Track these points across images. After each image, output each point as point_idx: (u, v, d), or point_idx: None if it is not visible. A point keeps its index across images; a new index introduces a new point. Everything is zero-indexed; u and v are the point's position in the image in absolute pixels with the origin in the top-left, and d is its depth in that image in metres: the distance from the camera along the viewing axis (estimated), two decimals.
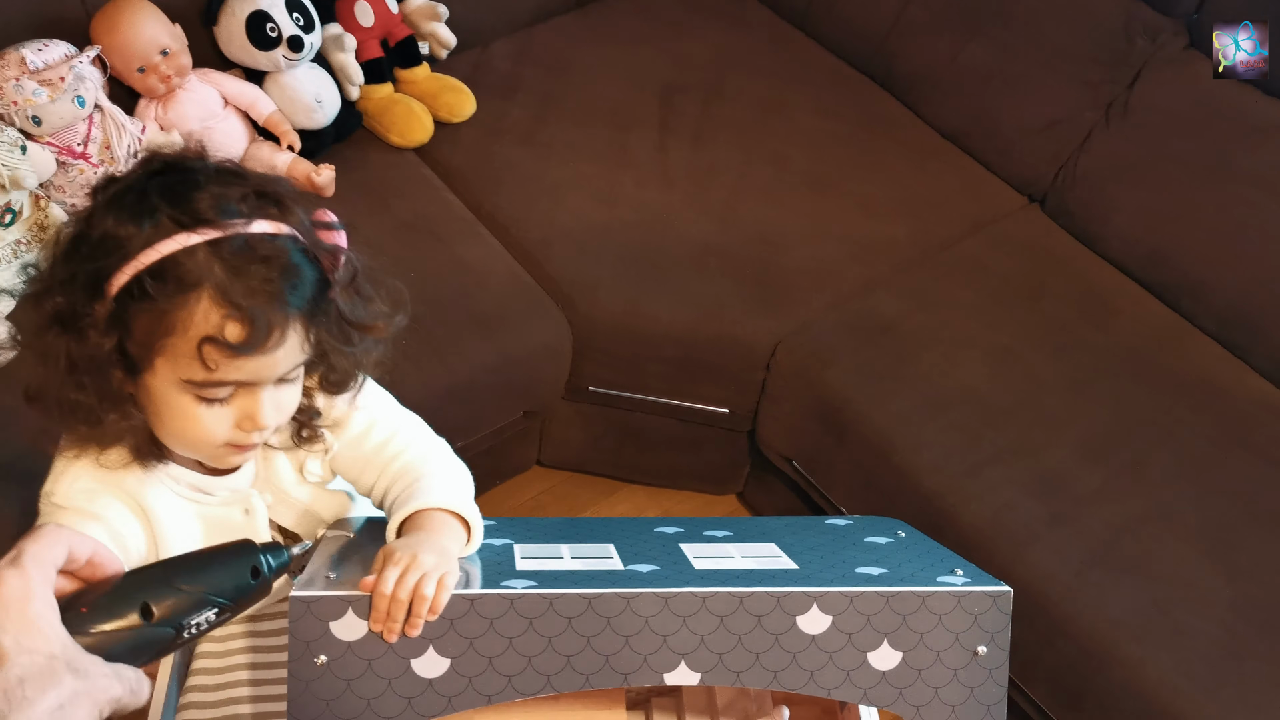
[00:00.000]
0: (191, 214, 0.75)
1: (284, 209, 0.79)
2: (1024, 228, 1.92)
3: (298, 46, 1.71)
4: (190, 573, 0.69)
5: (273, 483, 0.94)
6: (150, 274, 0.74)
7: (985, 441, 1.58)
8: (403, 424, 0.97)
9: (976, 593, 0.81)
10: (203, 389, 0.78)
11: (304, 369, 0.85)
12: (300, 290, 0.78)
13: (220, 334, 0.75)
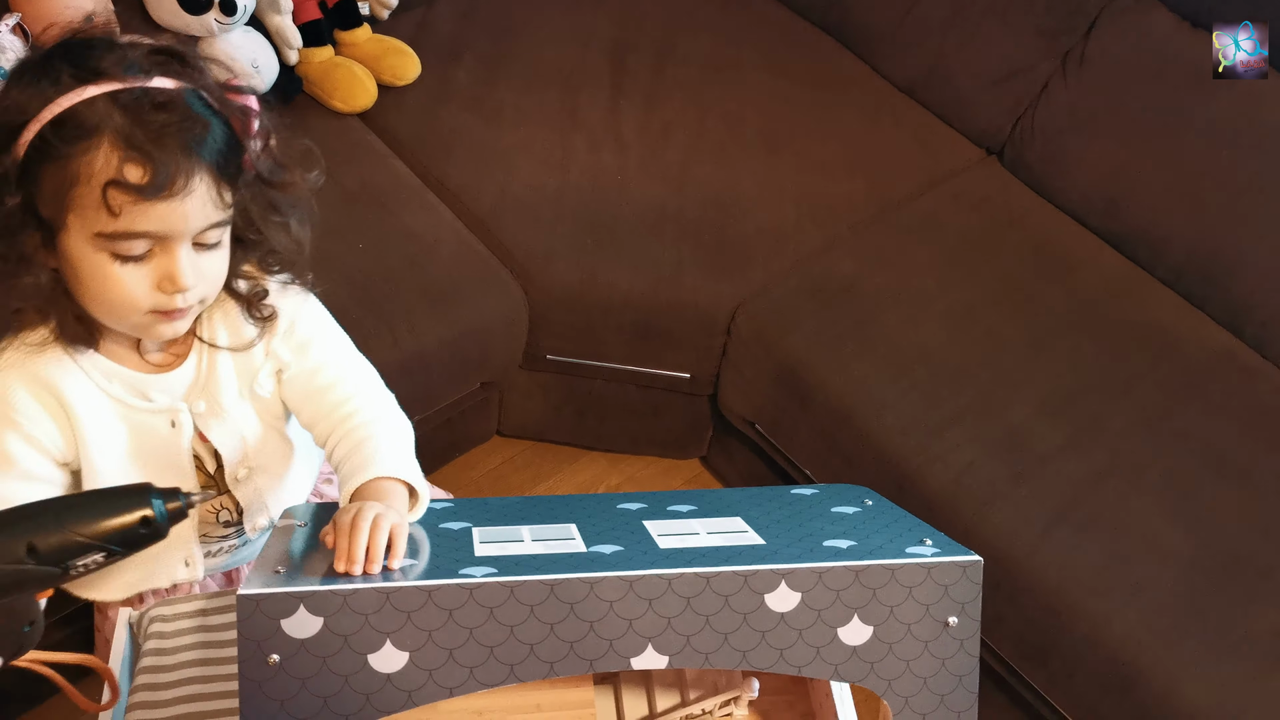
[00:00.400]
0: (91, 70, 0.77)
1: (187, 66, 0.81)
2: (981, 181, 1.91)
3: (230, 10, 1.64)
4: (81, 514, 0.67)
5: (211, 391, 0.93)
6: (52, 126, 0.76)
7: (946, 402, 1.58)
8: (353, 371, 0.98)
9: (946, 563, 0.80)
10: (114, 242, 0.78)
11: (231, 238, 0.86)
12: (205, 140, 0.79)
13: (121, 176, 0.76)
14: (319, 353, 0.96)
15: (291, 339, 0.96)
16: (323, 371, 0.96)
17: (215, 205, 0.81)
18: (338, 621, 0.73)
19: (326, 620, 0.73)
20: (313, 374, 0.96)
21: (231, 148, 0.81)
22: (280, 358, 0.96)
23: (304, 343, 0.96)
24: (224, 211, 0.83)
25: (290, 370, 0.96)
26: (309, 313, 0.97)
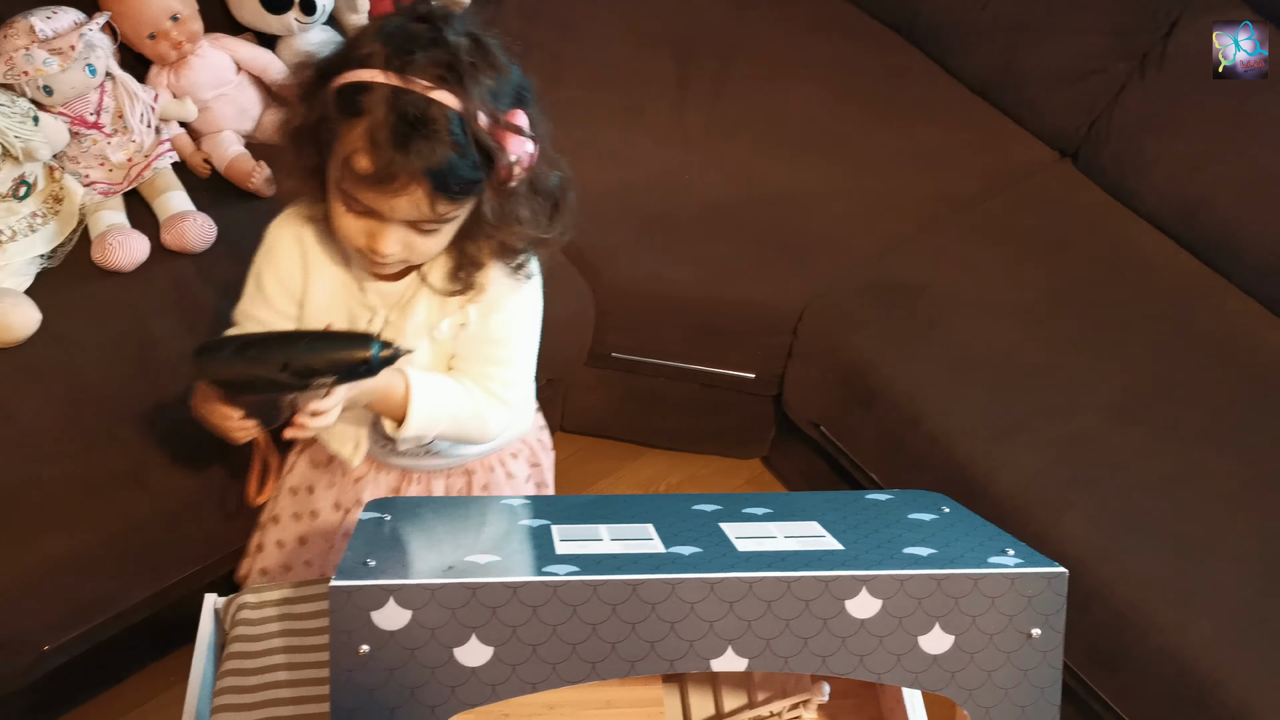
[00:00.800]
0: (399, 60, 0.89)
1: (467, 93, 0.89)
2: (1054, 183, 1.88)
3: (310, 9, 1.67)
4: (323, 346, 0.88)
5: (404, 310, 1.07)
6: (345, 88, 0.91)
7: (1016, 405, 1.56)
8: (508, 356, 1.10)
9: (1031, 574, 0.79)
10: (343, 194, 0.94)
11: (457, 227, 0.98)
12: (439, 164, 0.89)
13: (355, 160, 0.90)
14: (498, 326, 1.08)
15: (486, 310, 1.07)
16: (492, 343, 1.08)
17: (426, 211, 0.93)
18: (425, 615, 0.75)
19: (415, 613, 0.75)
20: (482, 339, 1.08)
21: (463, 176, 0.91)
22: (468, 317, 1.07)
23: (488, 309, 1.07)
24: (435, 217, 0.94)
25: (469, 328, 1.08)
26: (516, 301, 1.09)
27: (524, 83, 0.97)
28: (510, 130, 0.92)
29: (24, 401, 1.35)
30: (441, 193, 0.91)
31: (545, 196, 1.01)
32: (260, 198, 1.65)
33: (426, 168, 0.89)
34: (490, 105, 0.91)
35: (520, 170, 0.94)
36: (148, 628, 1.48)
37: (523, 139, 0.93)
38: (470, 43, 0.92)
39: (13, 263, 1.46)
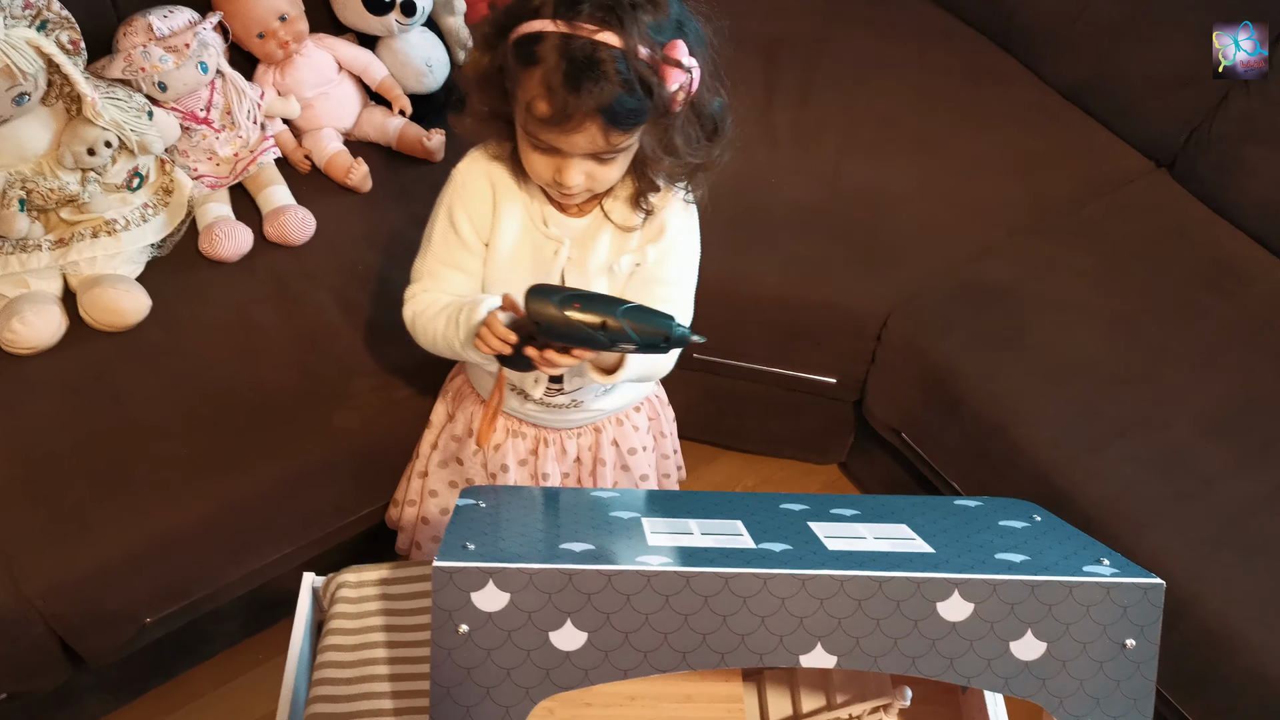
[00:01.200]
0: (565, 6, 0.95)
1: (628, 32, 0.95)
2: (1149, 191, 1.84)
3: (410, 11, 1.71)
4: (636, 317, 0.97)
5: (587, 244, 1.15)
6: (521, 40, 0.98)
7: (1105, 416, 1.53)
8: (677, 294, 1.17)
9: (1127, 584, 0.78)
10: (528, 135, 1.02)
11: (632, 153, 1.05)
12: (609, 100, 0.96)
13: (534, 104, 0.98)
14: (670, 269, 1.17)
15: (659, 245, 1.16)
16: (663, 282, 1.16)
17: (601, 144, 1.00)
18: (523, 598, 0.77)
19: (513, 596, 0.77)
20: (655, 280, 1.16)
21: (630, 107, 0.97)
22: (646, 256, 1.16)
23: (665, 253, 1.16)
24: (610, 147, 1.01)
25: (644, 267, 1.16)
26: (682, 225, 1.17)
27: (685, 14, 1.02)
28: (669, 64, 0.97)
29: (134, 383, 1.42)
30: (613, 125, 0.98)
31: (706, 121, 1.07)
32: (357, 193, 1.70)
33: (597, 105, 0.96)
34: (651, 40, 0.96)
35: (683, 96, 1.00)
36: (241, 604, 1.53)
37: (682, 70, 0.98)
38: None
39: (125, 251, 1.53)
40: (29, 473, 1.33)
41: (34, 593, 1.27)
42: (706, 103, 1.06)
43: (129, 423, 1.38)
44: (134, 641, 1.41)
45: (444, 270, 1.17)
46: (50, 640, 1.32)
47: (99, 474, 1.34)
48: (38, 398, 1.39)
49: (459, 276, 1.17)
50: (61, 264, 1.50)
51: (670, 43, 0.98)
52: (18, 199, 1.45)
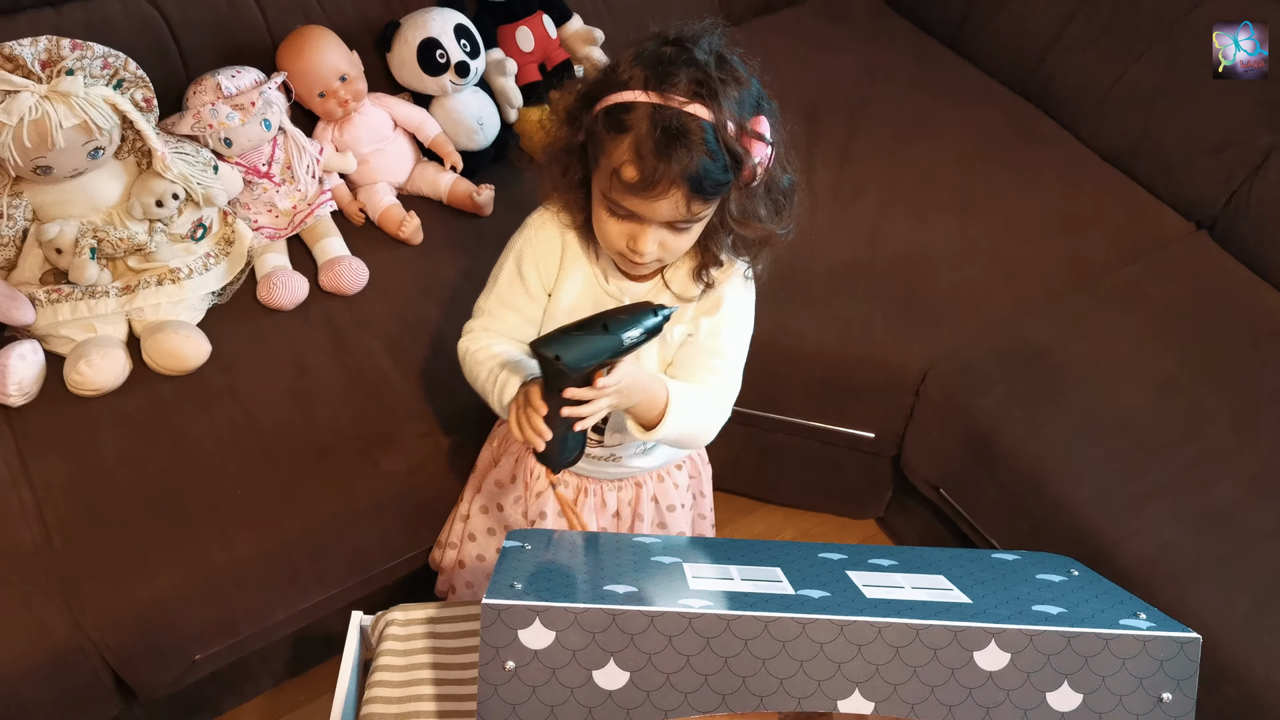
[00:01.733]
0: (657, 77, 0.99)
1: (718, 106, 0.99)
2: (1190, 254, 1.85)
3: (464, 72, 1.79)
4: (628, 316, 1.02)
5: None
6: (611, 109, 1.01)
7: (1146, 475, 1.53)
8: (727, 367, 1.19)
9: (1163, 638, 0.79)
10: (608, 201, 1.05)
11: (704, 226, 1.08)
12: (695, 169, 0.99)
13: (621, 171, 1.01)
14: (723, 342, 1.19)
15: (717, 324, 1.18)
16: (714, 354, 1.18)
17: (684, 212, 1.03)
18: (568, 637, 0.79)
19: (558, 635, 0.79)
20: (706, 351, 1.18)
21: (716, 178, 1.01)
22: (699, 328, 1.18)
23: (719, 325, 1.18)
24: (690, 216, 1.04)
25: (696, 338, 1.18)
26: (739, 300, 1.20)
27: (762, 93, 1.07)
28: (754, 137, 1.02)
29: (193, 423, 1.47)
30: (697, 194, 1.01)
31: (777, 195, 1.11)
32: (409, 245, 1.76)
33: (684, 173, 0.99)
34: (737, 114, 1.01)
35: (761, 170, 1.04)
36: (287, 643, 1.56)
37: (764, 144, 1.03)
38: (717, 60, 1.02)
39: (188, 298, 1.60)
40: (92, 508, 1.38)
41: (91, 625, 1.31)
42: (778, 178, 1.10)
43: (187, 462, 1.43)
44: (184, 677, 1.44)
45: (504, 311, 1.21)
46: (105, 673, 1.35)
47: (158, 511, 1.38)
48: (102, 437, 1.45)
49: (517, 319, 1.21)
50: (127, 310, 1.56)
51: (755, 118, 1.03)
52: (89, 248, 1.52)
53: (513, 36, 1.91)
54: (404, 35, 1.78)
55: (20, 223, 1.53)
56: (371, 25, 1.83)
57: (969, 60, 2.21)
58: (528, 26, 1.91)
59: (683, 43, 1.02)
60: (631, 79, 1.01)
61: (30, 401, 1.48)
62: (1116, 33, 1.98)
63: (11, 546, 1.34)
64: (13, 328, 1.53)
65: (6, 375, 1.45)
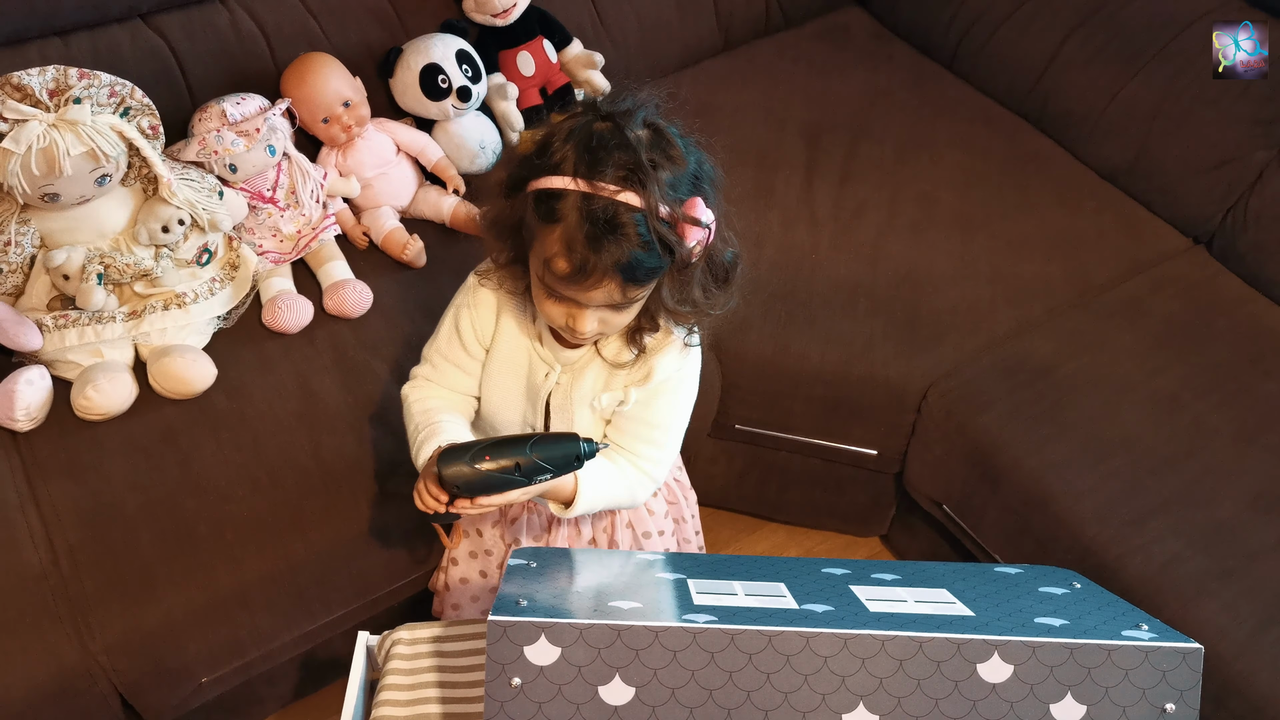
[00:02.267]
0: (585, 166, 0.97)
1: (649, 192, 0.97)
2: (1189, 270, 1.86)
3: (466, 96, 1.81)
4: (546, 449, 1.02)
5: (576, 374, 1.17)
6: (542, 194, 0.99)
7: (1150, 491, 1.53)
8: (659, 438, 1.19)
9: (1166, 649, 0.80)
10: (544, 284, 1.04)
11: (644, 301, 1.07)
12: (629, 262, 0.98)
13: (554, 262, 1.00)
14: (656, 412, 1.18)
15: (648, 395, 1.17)
16: (646, 424, 1.18)
17: (618, 298, 1.03)
18: (573, 653, 0.80)
19: (564, 651, 0.80)
20: (638, 420, 1.18)
21: (649, 266, 1.00)
22: (629, 397, 1.17)
23: (651, 396, 1.17)
24: (626, 300, 1.04)
25: (627, 407, 1.17)
26: (673, 371, 1.17)
27: (700, 168, 1.04)
28: (688, 222, 0.99)
29: (200, 447, 1.48)
30: (631, 282, 1.00)
31: (718, 270, 1.09)
32: (412, 268, 1.78)
33: (616, 263, 0.98)
34: (670, 198, 0.98)
35: (699, 249, 1.02)
36: (292, 666, 1.56)
37: (699, 228, 1.00)
38: (651, 135, 1.00)
39: (194, 322, 1.61)
40: (100, 533, 1.39)
41: (99, 649, 1.32)
42: (720, 253, 1.08)
43: (194, 486, 1.44)
44: (190, 700, 1.44)
45: (444, 364, 1.23)
46: (112, 697, 1.35)
47: (165, 534, 1.39)
48: (109, 461, 1.46)
49: (458, 374, 1.23)
50: (134, 334, 1.57)
51: (689, 200, 1.00)
52: (96, 273, 1.54)
53: (514, 61, 1.93)
54: (406, 61, 1.81)
55: (28, 249, 1.55)
56: (374, 51, 1.86)
57: (967, 81, 2.23)
58: (528, 51, 1.94)
59: (616, 119, 0.99)
60: (562, 162, 0.98)
61: (38, 426, 1.49)
62: (1112, 52, 2.00)
63: (20, 571, 1.34)
64: (20, 353, 1.54)
65: (14, 400, 1.46)
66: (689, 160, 1.02)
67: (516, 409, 1.22)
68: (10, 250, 1.53)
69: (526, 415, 1.22)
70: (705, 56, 2.28)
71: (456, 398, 1.23)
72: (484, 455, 1.01)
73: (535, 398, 1.20)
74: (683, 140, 1.03)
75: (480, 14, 1.89)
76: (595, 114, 1.00)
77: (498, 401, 1.22)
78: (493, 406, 1.23)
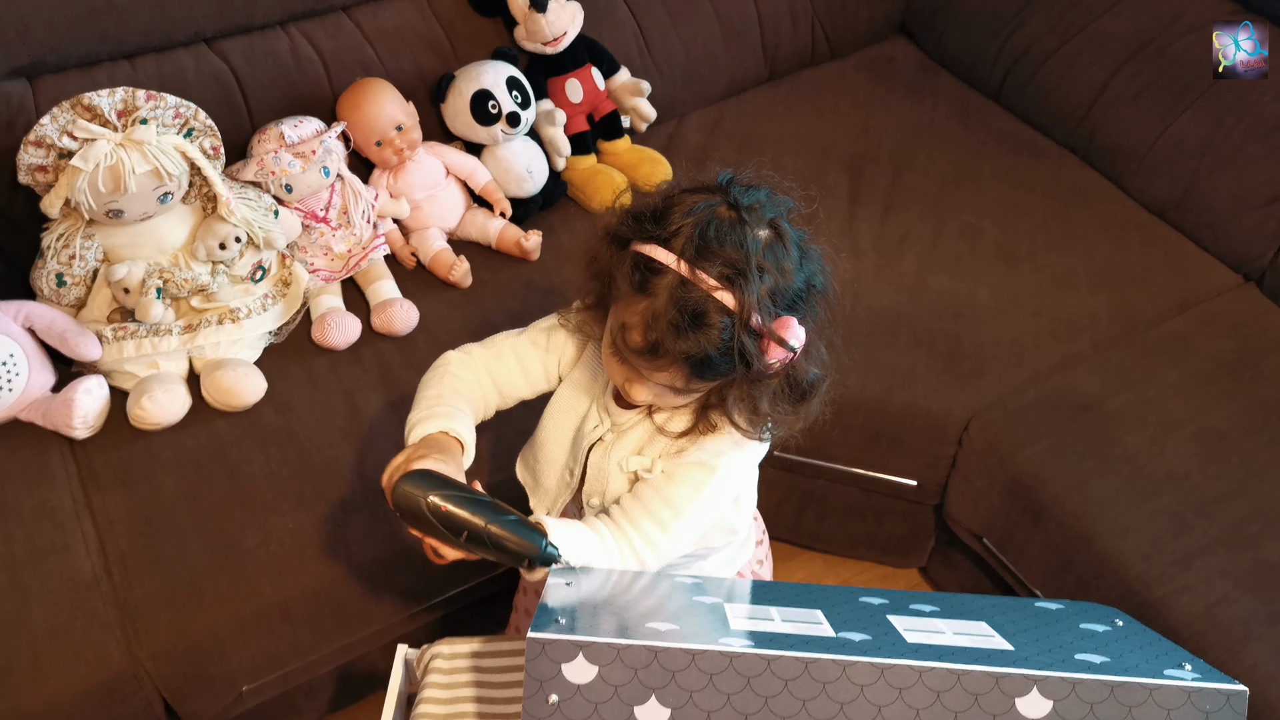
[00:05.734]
0: (694, 250, 0.95)
1: (747, 298, 0.94)
2: (1238, 307, 1.84)
3: (515, 122, 1.84)
4: (504, 527, 0.96)
5: (621, 437, 1.13)
6: (642, 260, 0.97)
7: (1197, 530, 1.51)
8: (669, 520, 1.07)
9: (1209, 689, 0.79)
10: (614, 345, 1.02)
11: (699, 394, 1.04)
12: (700, 357, 0.96)
13: (628, 331, 0.98)
14: (674, 493, 1.08)
15: (675, 462, 1.09)
16: (659, 503, 1.08)
17: (681, 384, 1.00)
18: (611, 672, 0.81)
19: (601, 670, 0.81)
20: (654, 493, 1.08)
21: (719, 370, 0.97)
22: (654, 468, 1.10)
23: (679, 470, 1.08)
24: (688, 389, 1.01)
25: (652, 476, 1.10)
26: (715, 459, 1.08)
27: (809, 283, 1.01)
28: (775, 340, 0.96)
29: (248, 461, 1.51)
30: (696, 376, 0.98)
31: (796, 388, 1.05)
32: (458, 288, 1.81)
33: (688, 356, 0.96)
34: (766, 310, 0.95)
35: (777, 366, 0.99)
36: (331, 678, 1.58)
37: (784, 349, 0.97)
38: (771, 237, 0.97)
39: (246, 337, 1.65)
40: (150, 541, 1.42)
41: (146, 655, 1.35)
42: (804, 372, 1.04)
43: (243, 498, 1.47)
44: (231, 709, 1.47)
45: (510, 359, 1.17)
46: (156, 702, 1.38)
47: (213, 545, 1.42)
48: (162, 471, 1.49)
49: (516, 375, 1.17)
50: (189, 347, 1.62)
51: (783, 318, 0.96)
52: (155, 288, 1.58)
53: (562, 88, 1.96)
54: (458, 87, 1.85)
55: (91, 263, 1.60)
56: (427, 77, 1.90)
57: (1013, 114, 2.23)
58: (577, 79, 1.97)
59: (742, 211, 0.96)
60: (675, 236, 0.96)
61: (94, 435, 1.54)
62: (1161, 87, 1.99)
63: (73, 576, 1.38)
64: (80, 363, 1.59)
65: (73, 409, 1.50)
66: (799, 275, 0.99)
67: (562, 450, 1.18)
68: (74, 264, 1.58)
69: (568, 460, 1.18)
70: (750, 86, 2.30)
71: (492, 392, 1.17)
72: (448, 500, 0.96)
73: (579, 447, 1.16)
74: (800, 250, 1.00)
75: (531, 42, 1.93)
76: (724, 198, 0.98)
77: (548, 436, 1.19)
78: (544, 437, 1.20)
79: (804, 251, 1.01)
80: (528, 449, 1.26)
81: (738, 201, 0.97)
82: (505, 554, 0.96)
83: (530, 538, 0.97)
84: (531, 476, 1.24)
